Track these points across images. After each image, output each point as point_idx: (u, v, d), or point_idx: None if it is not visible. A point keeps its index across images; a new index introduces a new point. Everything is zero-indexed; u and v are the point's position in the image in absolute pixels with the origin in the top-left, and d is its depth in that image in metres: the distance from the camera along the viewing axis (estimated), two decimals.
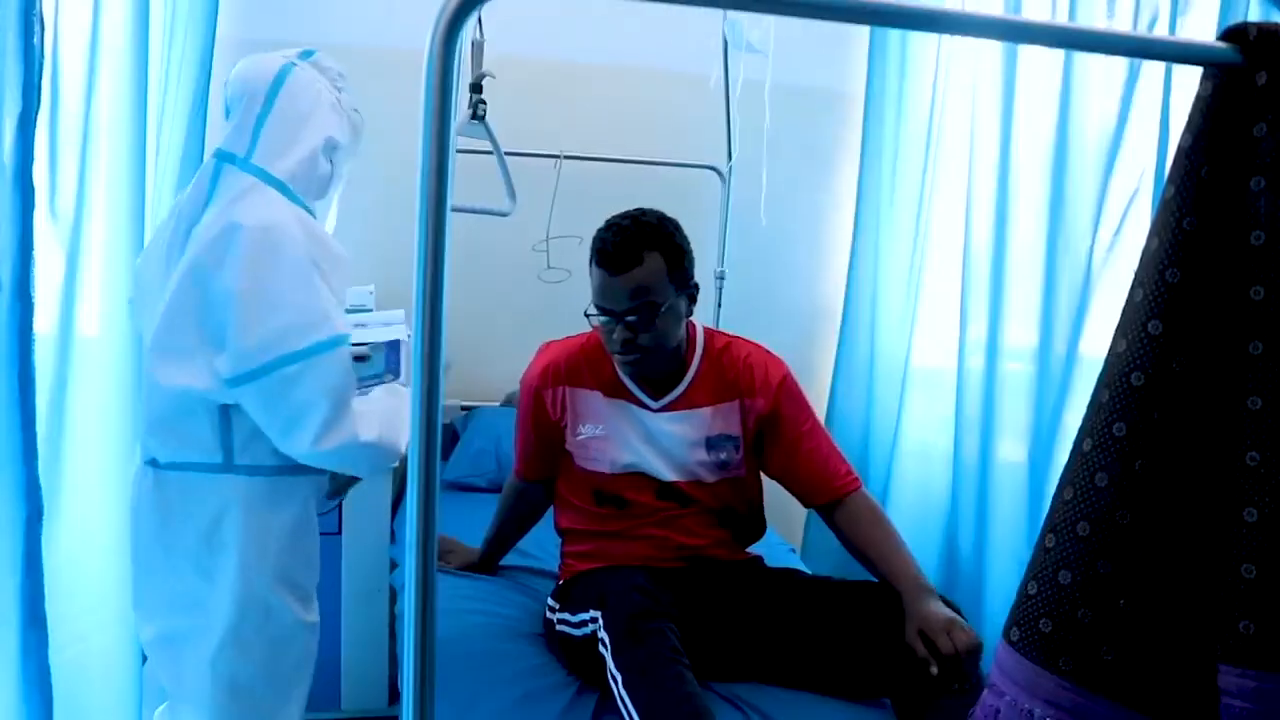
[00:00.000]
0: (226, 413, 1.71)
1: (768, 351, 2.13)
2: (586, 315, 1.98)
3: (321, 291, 1.68)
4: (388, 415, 1.77)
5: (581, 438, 2.06)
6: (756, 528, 2.19)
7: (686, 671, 1.63)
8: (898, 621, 1.77)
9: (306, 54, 1.89)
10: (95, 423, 2.01)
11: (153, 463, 1.74)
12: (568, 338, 2.15)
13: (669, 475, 2.05)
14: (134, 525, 1.76)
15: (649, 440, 2.05)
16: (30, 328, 1.58)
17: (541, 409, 2.10)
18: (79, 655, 1.91)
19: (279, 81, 1.80)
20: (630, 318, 1.91)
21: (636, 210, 1.98)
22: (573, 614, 1.90)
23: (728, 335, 2.15)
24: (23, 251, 1.55)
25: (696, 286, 2.03)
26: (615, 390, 2.07)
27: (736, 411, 2.07)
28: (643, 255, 1.90)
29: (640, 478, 2.05)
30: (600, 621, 1.74)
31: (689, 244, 2.00)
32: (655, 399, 2.06)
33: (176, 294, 1.65)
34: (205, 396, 1.67)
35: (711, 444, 2.05)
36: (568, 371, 2.08)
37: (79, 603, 1.93)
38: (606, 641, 1.69)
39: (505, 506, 2.31)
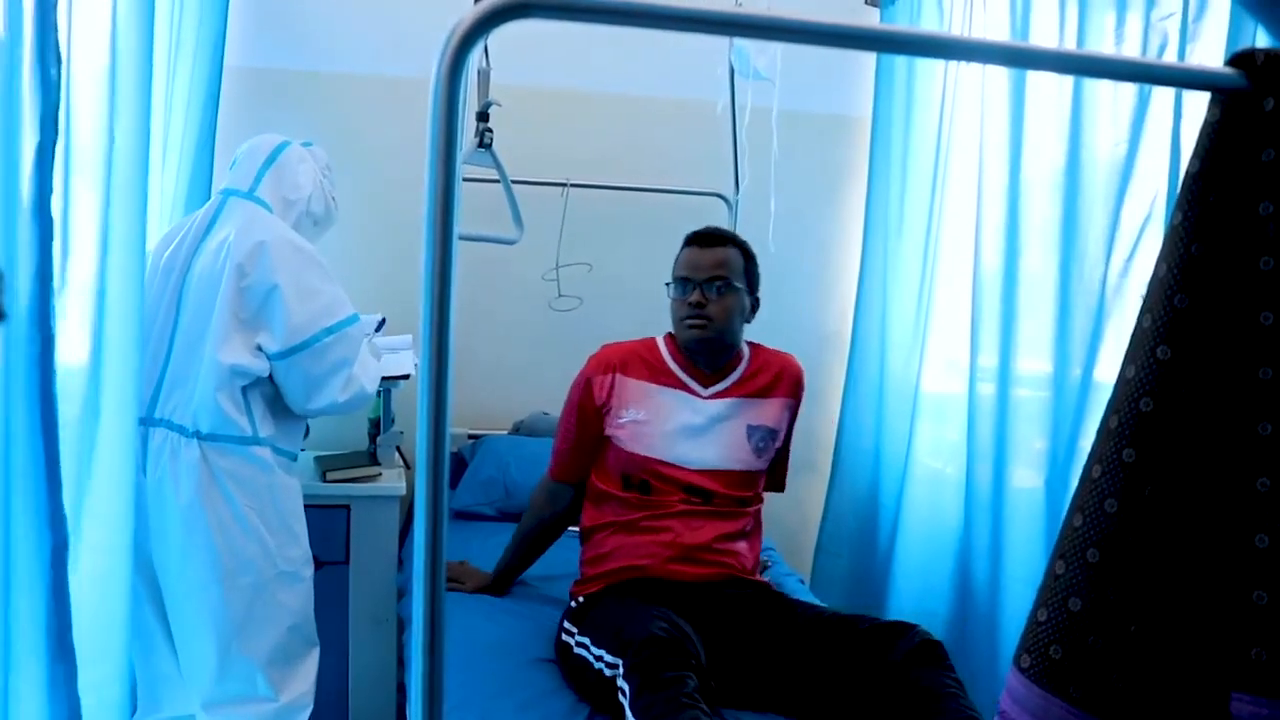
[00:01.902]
0: (245, 392, 2.17)
1: (790, 356, 2.40)
2: (666, 285, 2.29)
3: (334, 282, 2.25)
4: (370, 370, 2.36)
5: (623, 421, 2.23)
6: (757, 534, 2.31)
7: (703, 717, 1.63)
8: (899, 654, 1.82)
9: (306, 144, 2.42)
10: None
11: (196, 434, 2.13)
12: (625, 341, 2.36)
13: (706, 460, 2.19)
14: (181, 489, 2.12)
15: (692, 425, 2.21)
16: (51, 359, 1.58)
17: (589, 395, 2.27)
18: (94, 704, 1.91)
19: (282, 146, 2.35)
20: (707, 286, 2.18)
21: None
22: (593, 643, 1.92)
23: (752, 342, 2.40)
24: (41, 283, 1.55)
25: (758, 301, 2.31)
26: (666, 378, 2.26)
27: (784, 409, 2.32)
28: (727, 243, 2.26)
29: (671, 471, 2.18)
30: (621, 669, 1.76)
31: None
32: (706, 387, 2.26)
33: (223, 294, 2.13)
34: (247, 370, 2.14)
35: (752, 431, 2.23)
36: (620, 361, 2.28)
37: (94, 650, 1.93)
38: (626, 691, 1.71)
39: (532, 512, 2.38)
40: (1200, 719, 0.89)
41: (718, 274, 2.21)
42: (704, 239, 2.26)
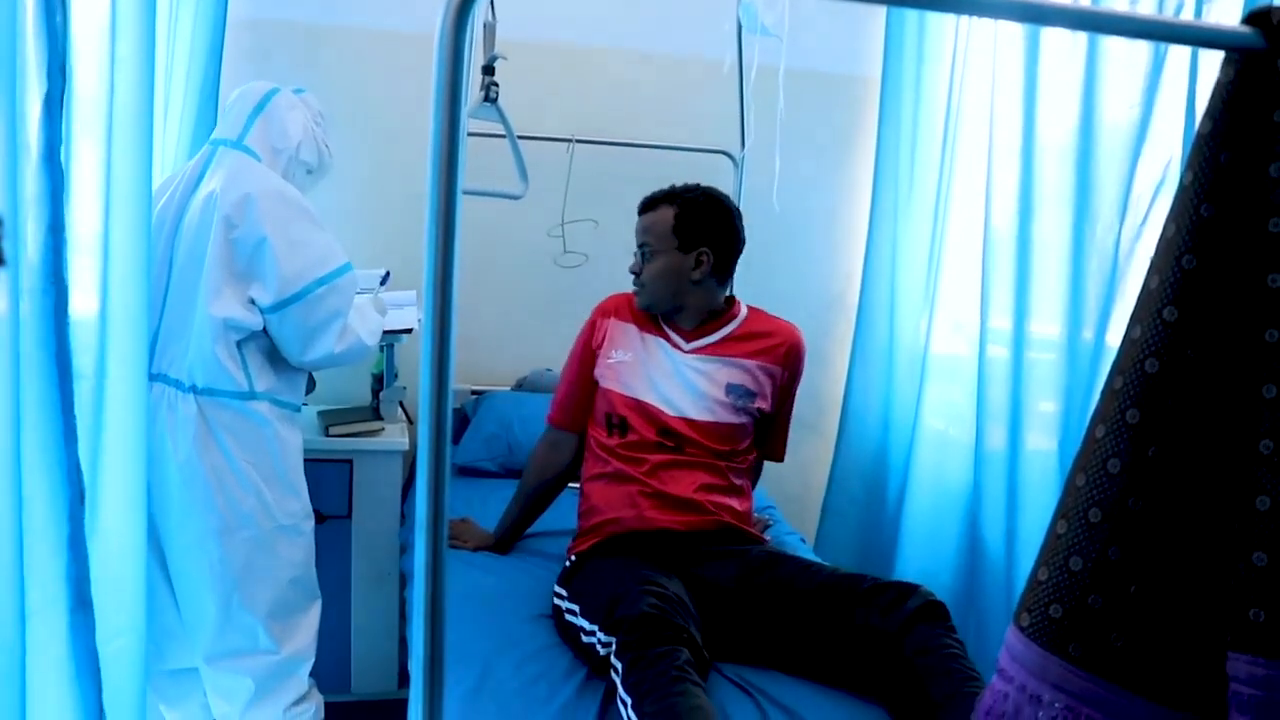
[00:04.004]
0: (241, 347, 2.17)
1: (792, 325, 2.38)
2: None
3: (326, 231, 2.24)
4: (369, 322, 2.39)
5: (611, 361, 2.31)
6: (744, 489, 2.31)
7: (692, 687, 1.62)
8: (902, 614, 1.81)
9: (297, 90, 2.39)
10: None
11: (193, 388, 2.14)
12: (628, 291, 2.40)
13: (683, 408, 2.22)
14: (178, 443, 2.14)
15: (670, 374, 2.25)
16: (65, 311, 1.57)
17: (590, 337, 2.37)
18: (113, 651, 1.92)
19: (271, 94, 2.32)
20: (639, 253, 2.30)
21: (695, 184, 2.32)
22: (583, 615, 1.93)
23: (755, 308, 2.41)
24: (54, 234, 1.54)
25: (706, 253, 2.25)
26: (652, 328, 2.33)
27: (768, 376, 2.30)
28: (659, 205, 2.28)
29: (649, 409, 2.22)
30: (614, 647, 1.75)
31: (721, 221, 2.28)
32: (687, 341, 2.30)
33: (212, 247, 2.12)
34: (240, 324, 2.14)
35: (730, 389, 2.25)
36: (617, 308, 2.38)
37: (113, 599, 1.95)
38: (619, 668, 1.71)
39: (533, 466, 2.41)
40: (1198, 678, 0.90)
41: (643, 240, 2.29)
42: (641, 205, 2.33)
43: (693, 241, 2.24)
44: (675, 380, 2.25)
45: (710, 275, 2.27)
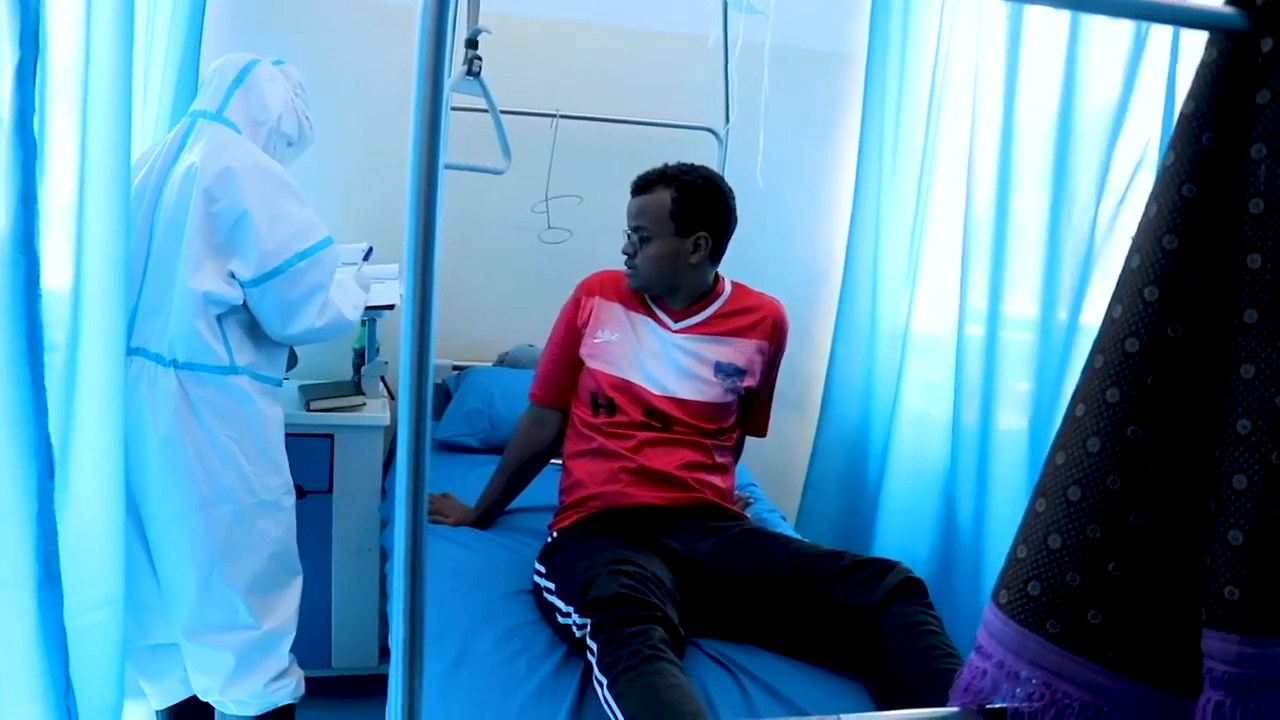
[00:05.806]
0: (221, 322, 2.16)
1: (775, 300, 2.38)
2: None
3: (306, 205, 2.23)
4: (352, 297, 2.39)
5: (598, 341, 2.29)
6: (727, 468, 2.31)
7: (668, 665, 1.61)
8: (880, 591, 1.81)
9: (277, 62, 2.37)
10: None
11: (173, 363, 2.13)
12: (613, 269, 2.38)
13: (669, 387, 2.22)
14: (158, 418, 2.12)
15: (658, 352, 2.24)
16: (36, 282, 1.55)
17: (575, 314, 2.34)
18: (89, 624, 1.91)
19: (250, 65, 2.29)
20: (633, 235, 2.25)
21: (689, 164, 2.28)
22: (559, 594, 1.92)
23: (738, 283, 2.40)
24: (25, 204, 1.52)
25: (704, 238, 2.22)
26: (639, 307, 2.31)
27: (757, 352, 2.29)
28: (654, 187, 2.23)
29: (636, 390, 2.21)
30: (588, 629, 1.75)
31: (718, 204, 2.24)
32: (676, 321, 2.29)
33: (192, 221, 2.10)
34: (220, 298, 2.12)
35: (719, 367, 2.25)
36: (602, 286, 2.35)
37: (89, 572, 1.93)
38: (594, 649, 1.71)
39: (515, 442, 2.40)
40: (1174, 655, 0.91)
41: (637, 223, 2.23)
42: (635, 187, 2.27)
43: (690, 225, 2.21)
44: (663, 360, 2.24)
45: (706, 258, 2.25)
